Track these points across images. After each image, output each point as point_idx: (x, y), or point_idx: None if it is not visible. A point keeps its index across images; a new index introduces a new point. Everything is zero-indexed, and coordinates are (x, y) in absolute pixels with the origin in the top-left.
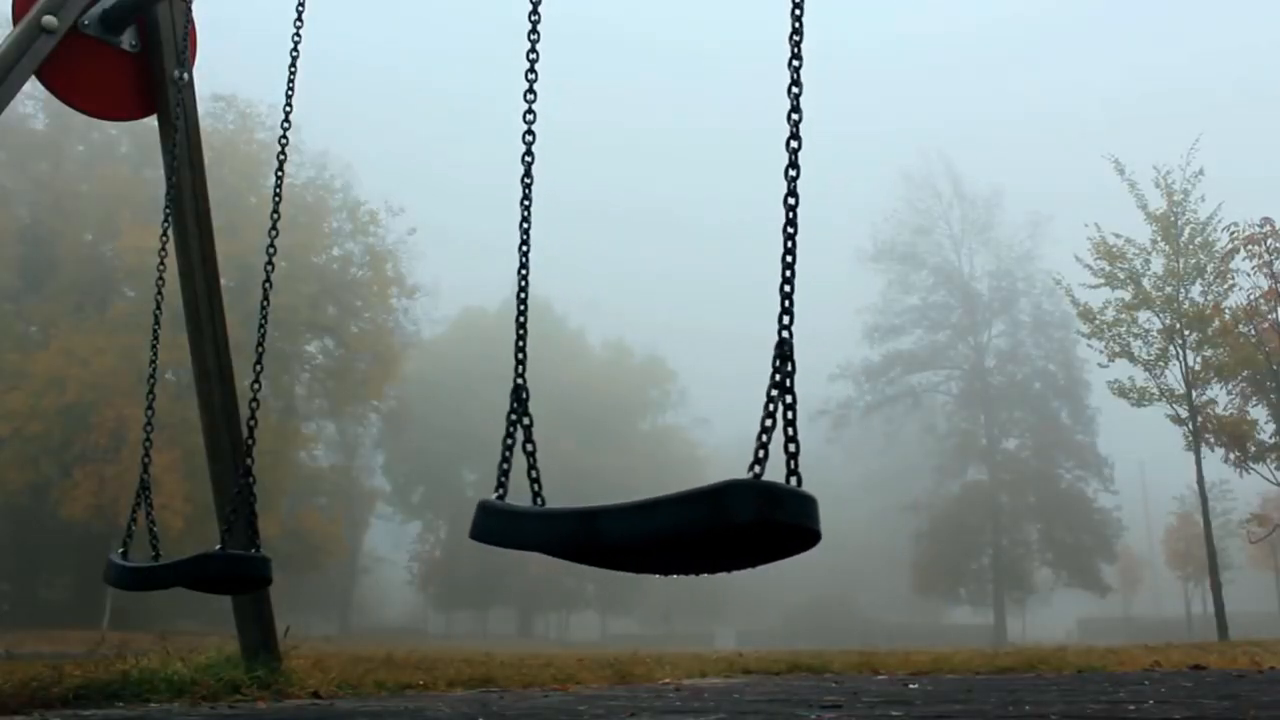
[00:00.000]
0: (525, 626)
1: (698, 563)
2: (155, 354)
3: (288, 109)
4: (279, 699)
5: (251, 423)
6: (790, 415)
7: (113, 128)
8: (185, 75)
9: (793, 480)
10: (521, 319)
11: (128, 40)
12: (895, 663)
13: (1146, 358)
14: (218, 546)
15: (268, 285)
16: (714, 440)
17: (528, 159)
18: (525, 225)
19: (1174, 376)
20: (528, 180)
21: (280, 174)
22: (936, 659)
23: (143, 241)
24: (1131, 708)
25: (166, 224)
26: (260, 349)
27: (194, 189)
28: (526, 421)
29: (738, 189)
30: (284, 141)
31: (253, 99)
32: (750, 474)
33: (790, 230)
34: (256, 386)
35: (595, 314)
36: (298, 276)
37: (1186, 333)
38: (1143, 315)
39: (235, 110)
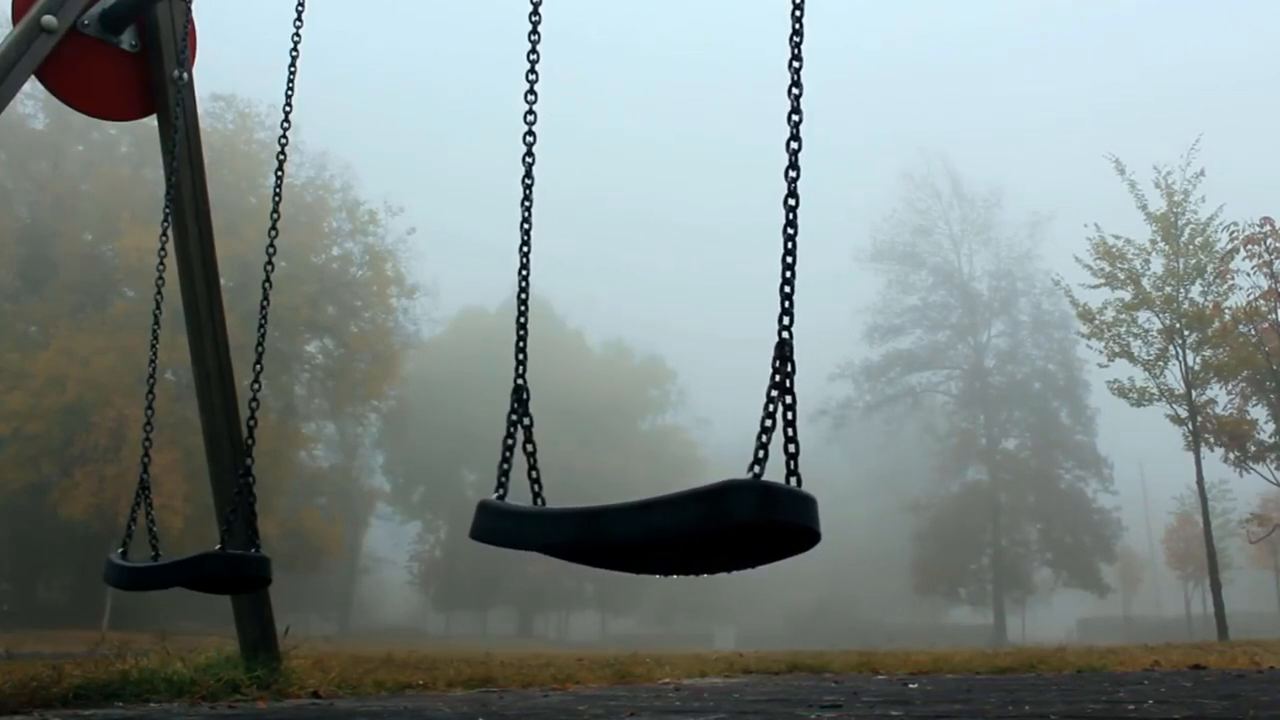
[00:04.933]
0: (525, 626)
1: (698, 563)
2: (155, 354)
3: (288, 109)
4: (279, 699)
5: (251, 423)
6: (790, 416)
7: (113, 128)
8: (185, 75)
9: (792, 480)
10: (522, 319)
11: (127, 40)
12: (895, 663)
13: (1146, 358)
14: (218, 546)
15: (268, 285)
16: (714, 440)
17: (528, 160)
18: (526, 226)
19: (1174, 376)
20: (528, 181)
21: (280, 174)
22: (936, 659)
23: (143, 241)
24: (1131, 708)
25: (166, 224)
26: (260, 349)
27: (194, 189)
28: (527, 422)
29: (738, 191)
30: (284, 141)
31: (253, 99)
32: (750, 474)
33: (790, 231)
34: (256, 386)
35: (595, 314)
36: (298, 276)
37: (1186, 333)
38: (1142, 315)
39: (235, 110)
